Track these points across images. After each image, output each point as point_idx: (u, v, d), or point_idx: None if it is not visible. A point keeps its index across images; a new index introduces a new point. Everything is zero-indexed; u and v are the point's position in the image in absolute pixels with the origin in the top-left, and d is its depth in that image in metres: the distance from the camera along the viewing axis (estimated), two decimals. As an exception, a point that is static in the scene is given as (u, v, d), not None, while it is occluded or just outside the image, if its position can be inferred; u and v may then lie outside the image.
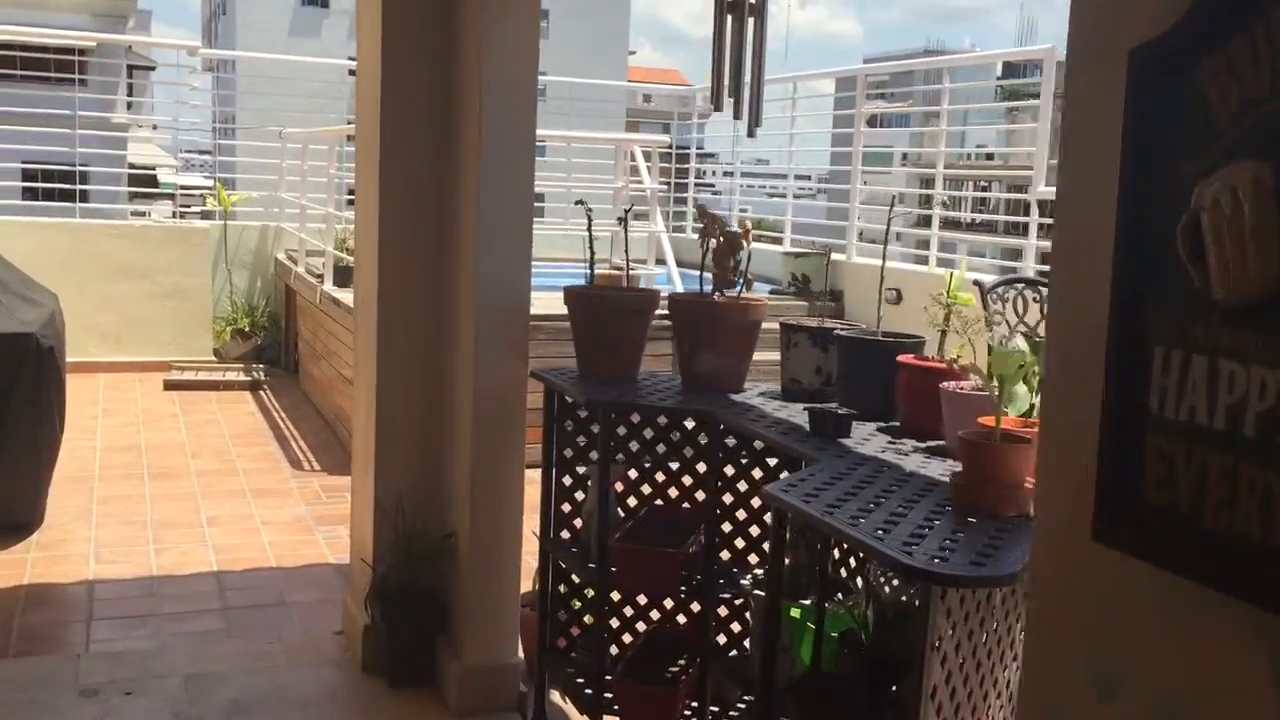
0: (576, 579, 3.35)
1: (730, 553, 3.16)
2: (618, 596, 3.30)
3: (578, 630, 3.39)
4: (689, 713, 3.03)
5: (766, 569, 2.72)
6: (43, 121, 9.26)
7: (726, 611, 3.18)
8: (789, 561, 2.79)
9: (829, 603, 2.56)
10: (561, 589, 3.38)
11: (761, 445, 3.07)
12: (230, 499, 5.56)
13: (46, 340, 4.71)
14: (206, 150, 10.87)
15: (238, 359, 8.64)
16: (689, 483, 3.24)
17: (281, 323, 8.86)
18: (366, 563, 3.62)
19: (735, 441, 3.08)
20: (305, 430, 6.98)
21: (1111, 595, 1.09)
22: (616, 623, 3.34)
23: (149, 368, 8.31)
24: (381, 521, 3.60)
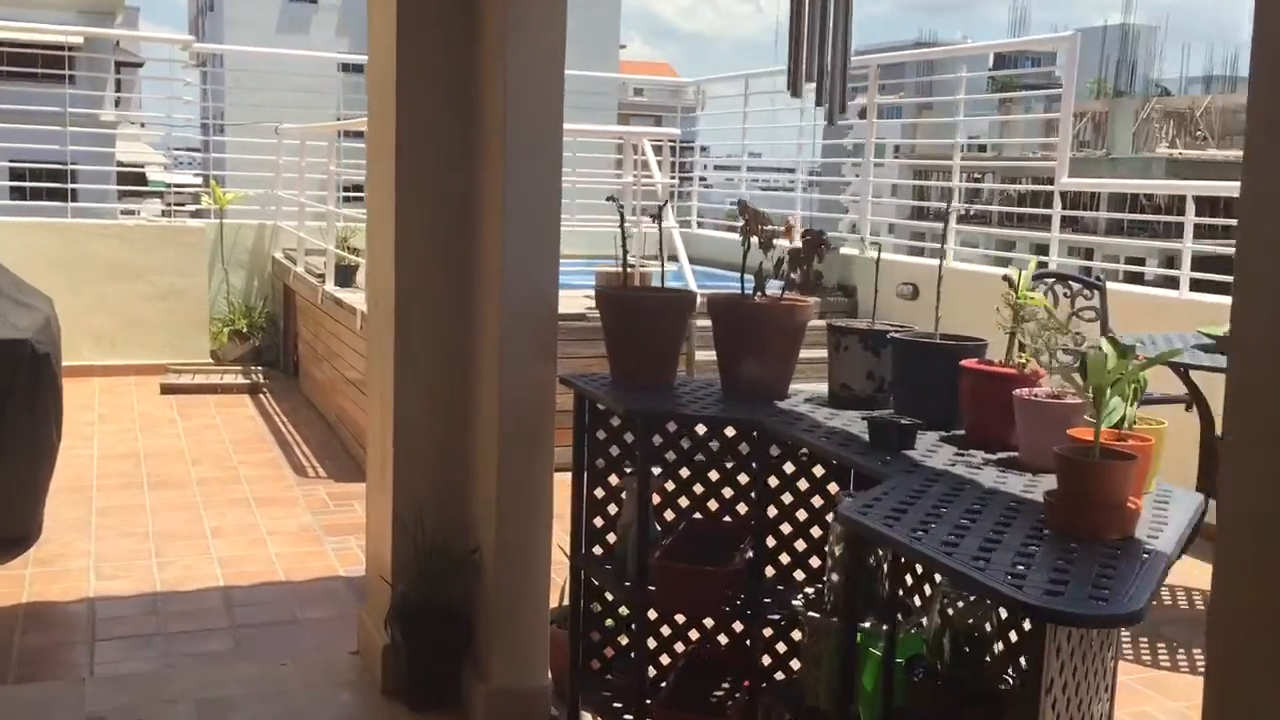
0: (610, 596, 3.18)
1: (774, 568, 2.99)
2: (654, 615, 3.12)
3: (611, 651, 3.22)
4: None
5: (834, 594, 2.55)
6: (31, 119, 9.06)
7: (770, 631, 3.00)
8: (842, 579, 2.62)
9: (886, 623, 2.39)
10: (595, 607, 3.21)
11: (806, 454, 2.90)
12: (234, 508, 5.38)
13: (42, 346, 4.52)
14: (195, 148, 10.66)
15: (235, 361, 8.44)
16: (729, 494, 3.06)
17: (280, 323, 8.66)
18: (385, 580, 3.44)
19: (778, 451, 2.91)
20: (308, 434, 6.79)
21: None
22: (653, 643, 3.17)
23: (145, 371, 8.10)
24: (400, 536, 3.42)
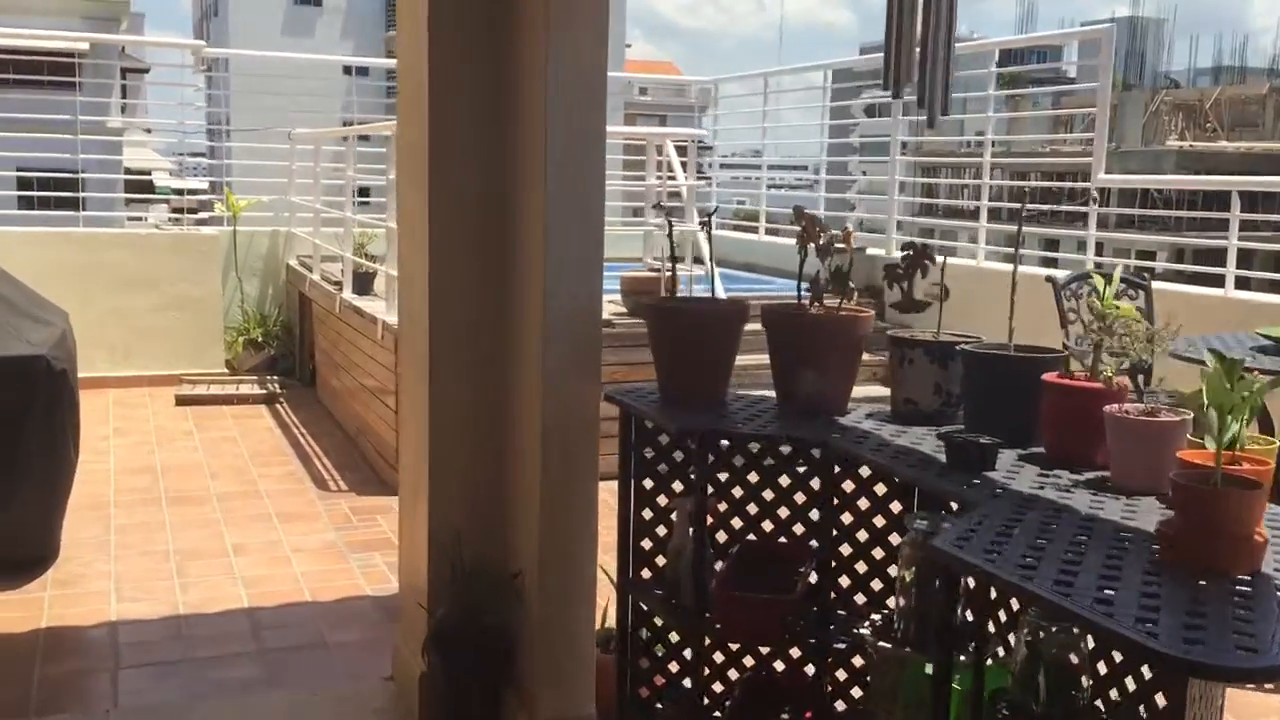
0: (660, 622, 3.03)
1: (833, 591, 2.84)
2: (707, 641, 2.98)
3: (661, 679, 3.07)
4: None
5: (906, 622, 2.40)
6: (39, 127, 8.94)
7: (829, 657, 2.86)
8: (910, 605, 2.48)
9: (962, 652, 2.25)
10: (643, 633, 3.06)
11: (868, 473, 2.75)
12: (255, 524, 5.24)
13: (58, 362, 4.38)
14: (200, 154, 10.52)
15: (250, 370, 8.31)
16: (785, 515, 2.92)
17: (295, 332, 8.53)
18: (421, 605, 3.29)
19: (838, 469, 2.77)
20: (328, 446, 6.65)
21: None
22: (705, 669, 3.02)
23: (159, 382, 7.98)
24: (437, 558, 3.27)
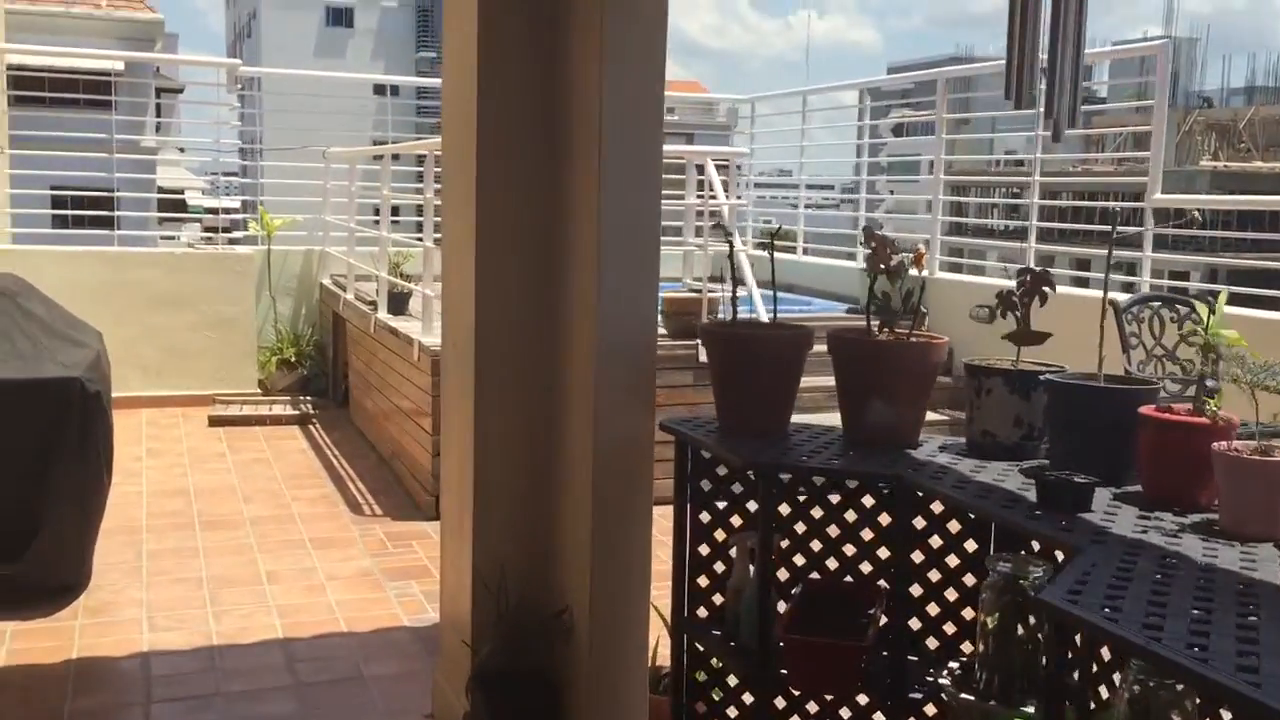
0: (718, 664, 2.88)
1: (903, 636, 2.68)
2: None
3: (719, 724, 2.92)
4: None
5: (988, 672, 2.24)
6: (73, 146, 8.91)
7: (901, 707, 2.69)
8: (992, 653, 2.32)
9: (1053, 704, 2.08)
10: (699, 675, 2.91)
11: (940, 508, 2.60)
12: (289, 550, 5.12)
13: (92, 384, 4.28)
14: (233, 173, 10.49)
15: (283, 390, 8.22)
16: (850, 552, 2.76)
17: (329, 352, 8.44)
18: (465, 643, 3.15)
19: (900, 503, 2.61)
20: (361, 469, 6.54)
21: None
22: (767, 716, 2.86)
23: (192, 402, 7.90)
24: (481, 595, 3.13)
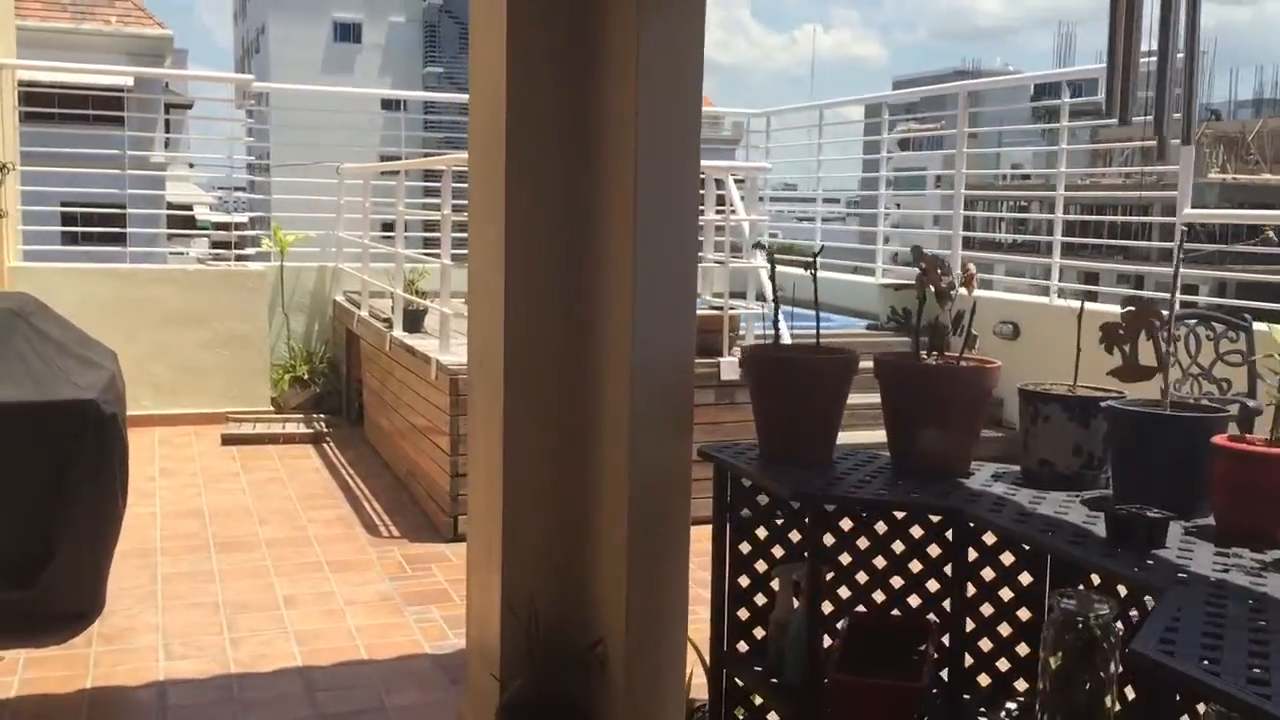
0: (759, 700, 2.77)
1: (954, 672, 2.58)
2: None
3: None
4: None
5: (1051, 713, 2.13)
6: (83, 162, 8.85)
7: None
8: (1055, 695, 2.21)
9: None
10: (739, 713, 2.80)
11: (993, 539, 2.50)
12: (306, 574, 5.02)
13: (108, 406, 4.19)
14: (242, 188, 10.43)
15: (296, 408, 8.14)
16: (898, 584, 2.66)
17: (342, 369, 8.35)
18: (494, 676, 3.05)
19: (954, 536, 2.51)
20: (377, 489, 6.44)
21: None
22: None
23: (205, 420, 7.81)
24: (510, 625, 3.03)
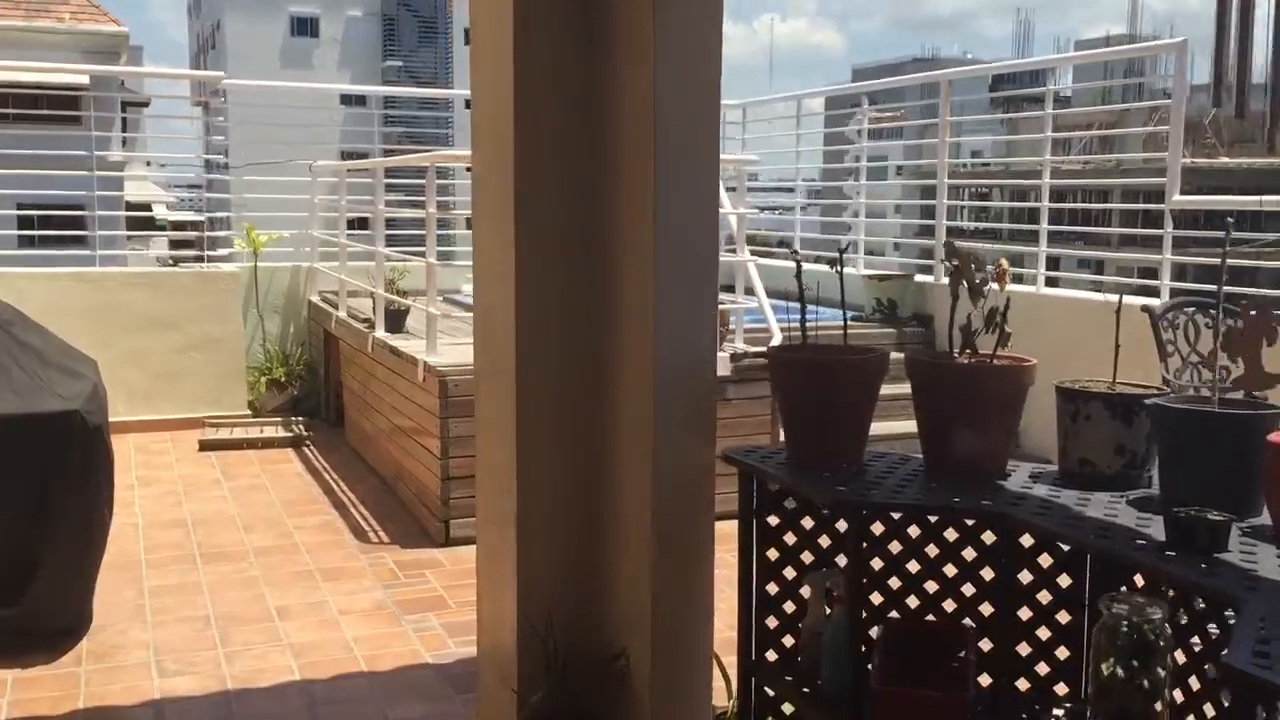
0: (789, 710, 2.70)
1: (989, 675, 2.52)
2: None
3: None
4: None
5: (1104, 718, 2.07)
6: (37, 162, 8.63)
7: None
8: (1110, 702, 2.16)
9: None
10: (769, 723, 2.74)
11: (1030, 541, 2.44)
12: (297, 583, 4.90)
13: (92, 417, 4.06)
14: (198, 186, 10.22)
15: (274, 412, 7.99)
16: (933, 589, 2.60)
17: (320, 371, 8.21)
18: (513, 690, 2.96)
19: (994, 539, 2.46)
20: (363, 493, 6.32)
21: None
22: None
23: (181, 425, 7.64)
24: (528, 637, 2.94)
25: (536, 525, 2.96)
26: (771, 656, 2.71)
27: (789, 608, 2.69)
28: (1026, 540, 2.44)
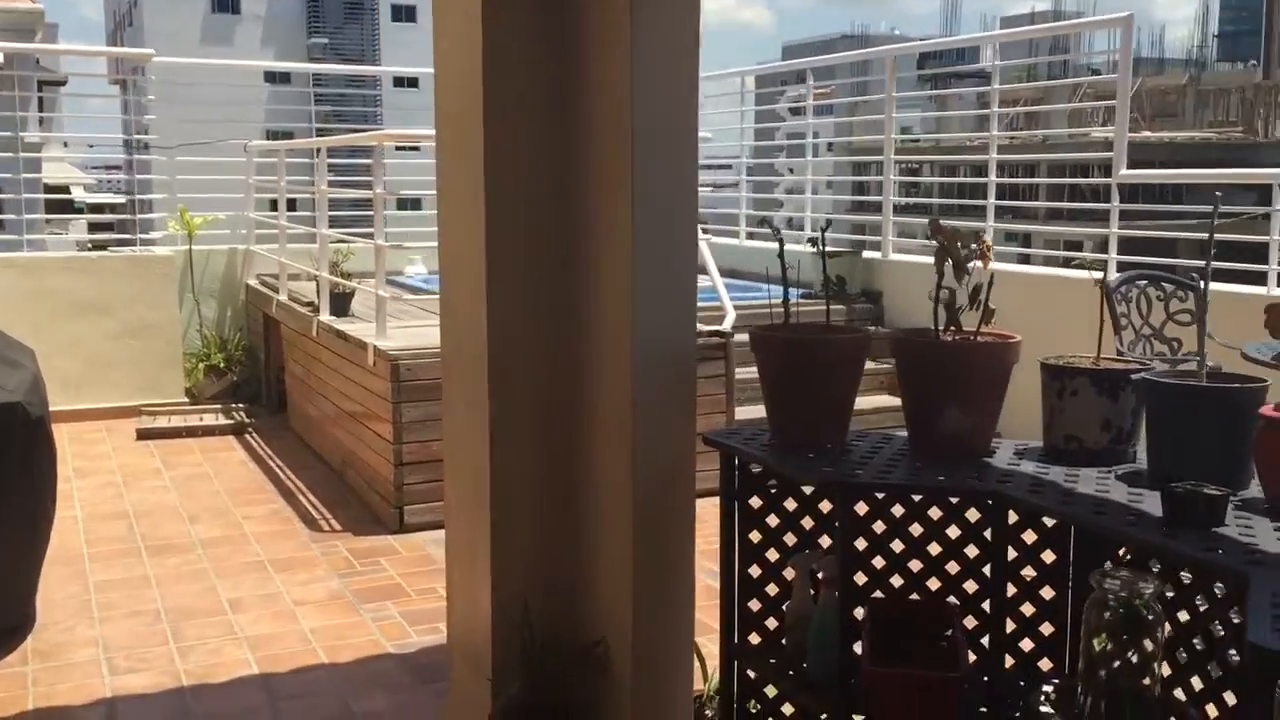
0: (772, 693, 2.68)
1: (975, 653, 2.52)
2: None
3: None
4: None
5: (1093, 696, 2.07)
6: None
7: None
8: (1098, 678, 2.16)
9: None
10: (752, 706, 2.71)
11: (1015, 518, 2.43)
12: (249, 575, 4.78)
13: (34, 409, 3.91)
14: (117, 166, 9.90)
15: (213, 398, 7.80)
16: (917, 568, 2.58)
17: (260, 356, 8.03)
18: (488, 679, 2.90)
19: (978, 516, 2.44)
20: (311, 481, 6.19)
21: None
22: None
23: (116, 414, 7.44)
24: (503, 626, 2.88)
25: (510, 510, 2.89)
26: (754, 639, 2.68)
27: (771, 590, 2.66)
28: (1011, 517, 2.43)
